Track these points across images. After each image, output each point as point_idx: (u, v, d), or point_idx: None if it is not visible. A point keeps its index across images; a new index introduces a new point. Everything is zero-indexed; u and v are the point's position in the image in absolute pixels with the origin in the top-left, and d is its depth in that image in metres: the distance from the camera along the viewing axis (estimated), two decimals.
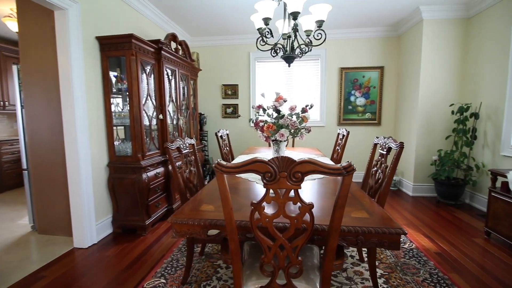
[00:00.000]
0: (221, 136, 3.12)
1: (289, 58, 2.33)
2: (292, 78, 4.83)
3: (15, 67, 2.75)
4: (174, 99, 3.39)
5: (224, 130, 3.29)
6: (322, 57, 4.67)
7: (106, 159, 2.75)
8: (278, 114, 2.03)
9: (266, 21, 2.08)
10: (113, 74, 2.78)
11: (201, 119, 4.70)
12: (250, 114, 4.95)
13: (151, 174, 2.81)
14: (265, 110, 2.13)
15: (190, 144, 2.13)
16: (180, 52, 3.55)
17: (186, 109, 3.83)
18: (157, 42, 2.91)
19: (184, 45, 3.65)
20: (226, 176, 1.00)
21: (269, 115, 2.08)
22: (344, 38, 4.58)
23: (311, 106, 2.13)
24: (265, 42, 2.23)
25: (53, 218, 2.70)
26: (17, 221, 3.16)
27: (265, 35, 2.21)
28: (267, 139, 2.04)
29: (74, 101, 2.36)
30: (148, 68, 2.88)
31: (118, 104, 2.89)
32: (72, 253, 2.40)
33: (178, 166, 1.90)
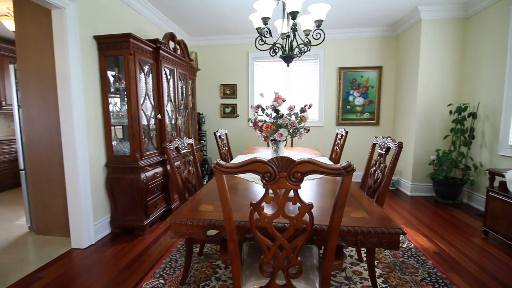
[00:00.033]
0: (219, 136, 3.11)
1: (288, 57, 2.32)
2: (290, 78, 4.83)
3: (12, 67, 2.73)
4: (173, 99, 3.38)
5: (222, 130, 3.28)
6: (320, 56, 4.67)
7: (104, 159, 2.74)
8: (277, 114, 2.02)
9: (265, 20, 2.08)
10: (111, 73, 2.76)
11: (199, 119, 4.69)
12: (249, 114, 4.95)
13: (150, 174, 2.80)
14: (264, 110, 2.12)
15: (188, 144, 2.12)
16: (178, 51, 3.54)
17: (185, 108, 3.82)
18: (155, 42, 2.90)
19: (182, 44, 3.64)
20: (225, 176, 1.00)
21: (268, 115, 2.08)
22: (342, 38, 4.59)
23: (310, 106, 2.12)
24: (264, 42, 2.23)
25: (50, 219, 2.68)
26: (14, 221, 3.14)
27: (264, 35, 2.21)
28: (266, 139, 2.03)
29: (72, 100, 2.34)
30: (146, 67, 2.87)
31: (116, 103, 2.88)
32: (69, 253, 2.38)
33: (176, 166, 1.89)
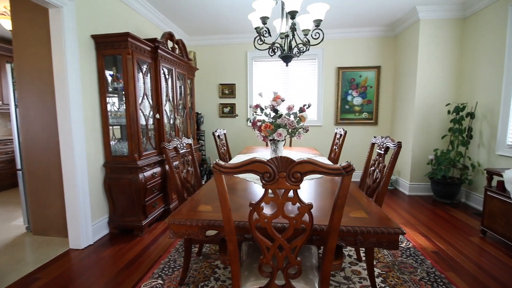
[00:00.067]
0: (218, 135, 3.10)
1: (287, 57, 2.32)
2: (289, 77, 4.83)
3: (9, 66, 2.71)
4: (171, 99, 3.37)
5: (221, 129, 3.28)
6: (319, 56, 4.67)
7: (102, 159, 2.72)
8: (276, 114, 2.02)
9: (264, 20, 2.07)
10: (109, 73, 2.75)
11: (198, 119, 4.68)
12: (248, 113, 4.94)
13: (148, 174, 2.79)
14: (262, 109, 2.12)
15: (187, 143, 2.11)
16: (177, 51, 3.53)
17: (183, 108, 3.80)
18: (153, 41, 2.89)
19: (181, 44, 3.63)
20: (224, 176, 0.99)
21: (266, 115, 2.07)
22: (341, 37, 4.59)
23: (309, 106, 2.12)
24: (262, 41, 2.22)
25: (48, 219, 2.66)
26: (11, 222, 3.12)
27: (263, 34, 2.20)
28: (265, 139, 2.03)
29: (69, 100, 2.33)
30: (144, 67, 2.86)
31: (114, 103, 2.86)
32: (67, 254, 2.37)
33: (175, 166, 1.88)
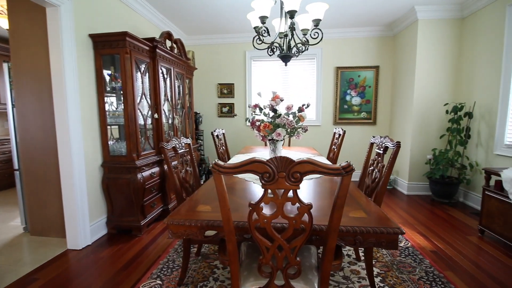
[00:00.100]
0: (217, 135, 3.09)
1: (286, 57, 2.31)
2: (288, 77, 4.82)
3: (6, 65, 2.69)
4: (170, 98, 3.36)
5: (220, 129, 3.27)
6: (318, 56, 4.67)
7: (100, 159, 2.71)
8: (275, 114, 2.02)
9: (263, 19, 2.06)
10: (107, 72, 2.73)
11: (196, 118, 4.67)
12: (246, 113, 4.93)
13: (146, 174, 2.78)
14: (261, 109, 2.12)
15: (186, 143, 2.11)
16: (175, 50, 3.52)
17: (182, 108, 3.79)
18: (152, 40, 2.88)
19: (179, 43, 3.61)
20: (223, 176, 0.99)
21: (265, 114, 2.07)
22: (339, 37, 4.59)
23: (308, 106, 2.12)
24: (261, 41, 2.22)
25: (45, 219, 2.65)
26: (8, 222, 3.10)
27: (261, 34, 2.19)
28: (264, 139, 2.03)
29: (67, 100, 2.31)
30: (142, 66, 2.85)
31: (112, 103, 2.85)
32: (65, 254, 2.35)
33: (174, 166, 1.88)
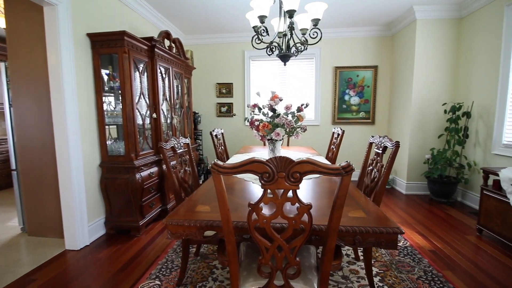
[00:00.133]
0: (216, 135, 3.09)
1: (285, 56, 2.31)
2: (286, 77, 4.82)
3: (3, 65, 2.67)
4: (168, 98, 3.34)
5: (219, 129, 3.26)
6: (316, 56, 4.67)
7: (98, 159, 2.70)
8: (274, 113, 2.02)
9: (262, 19, 2.06)
10: (105, 72, 2.72)
11: (195, 118, 4.66)
12: (245, 113, 4.93)
13: (145, 174, 2.77)
14: (260, 109, 2.11)
15: (184, 143, 2.10)
16: (173, 50, 3.51)
17: (180, 107, 3.78)
18: (150, 40, 2.87)
19: (178, 43, 3.60)
20: (222, 176, 0.98)
21: (264, 114, 2.07)
22: (338, 37, 4.59)
23: (307, 105, 2.12)
24: (260, 41, 2.21)
25: (43, 220, 2.63)
26: (6, 223, 3.08)
27: (260, 33, 2.19)
28: (263, 138, 2.03)
29: (65, 99, 2.30)
30: (141, 66, 2.83)
31: (111, 102, 2.83)
32: (63, 255, 2.34)
33: (172, 165, 1.87)
